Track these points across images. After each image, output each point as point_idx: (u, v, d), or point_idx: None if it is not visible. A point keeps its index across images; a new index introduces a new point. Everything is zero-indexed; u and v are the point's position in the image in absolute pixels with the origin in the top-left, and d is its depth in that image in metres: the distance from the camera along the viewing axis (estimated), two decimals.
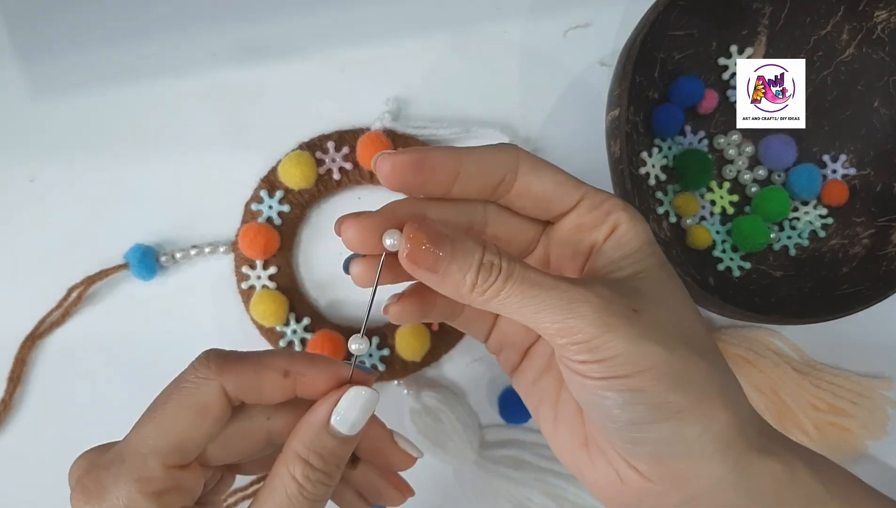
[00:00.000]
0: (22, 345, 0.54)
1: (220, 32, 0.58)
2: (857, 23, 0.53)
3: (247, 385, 0.32)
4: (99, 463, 0.32)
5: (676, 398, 0.30)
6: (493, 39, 0.59)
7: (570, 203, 0.33)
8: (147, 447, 0.31)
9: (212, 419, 0.32)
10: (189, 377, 0.32)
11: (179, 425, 0.31)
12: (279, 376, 0.33)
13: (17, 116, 0.57)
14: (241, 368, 0.32)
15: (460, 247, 0.30)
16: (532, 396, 0.39)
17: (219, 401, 0.32)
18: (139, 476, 0.31)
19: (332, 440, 0.33)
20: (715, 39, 0.56)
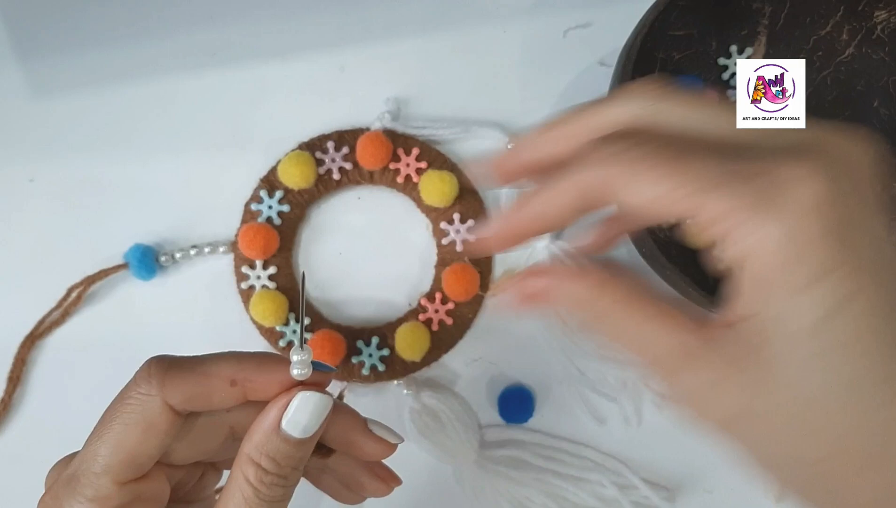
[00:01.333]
0: (21, 345, 0.54)
1: (219, 32, 0.58)
2: (857, 23, 0.53)
3: (192, 398, 0.31)
4: (59, 480, 0.32)
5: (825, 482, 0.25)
6: (493, 39, 0.59)
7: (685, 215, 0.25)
8: (98, 465, 0.31)
9: (160, 432, 0.31)
10: (132, 392, 0.31)
11: (128, 442, 0.31)
12: (226, 385, 0.32)
13: (16, 116, 0.57)
14: (184, 380, 0.31)
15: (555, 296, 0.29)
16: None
17: (164, 416, 0.31)
18: (93, 496, 0.30)
19: (284, 443, 0.32)
20: (715, 39, 0.56)
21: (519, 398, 0.54)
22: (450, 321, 0.54)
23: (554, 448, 0.54)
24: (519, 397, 0.54)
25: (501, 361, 0.56)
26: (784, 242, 0.23)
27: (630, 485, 0.53)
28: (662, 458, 0.55)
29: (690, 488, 0.54)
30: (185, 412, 0.32)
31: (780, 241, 0.23)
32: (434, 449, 0.53)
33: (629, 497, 0.53)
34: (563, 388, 0.55)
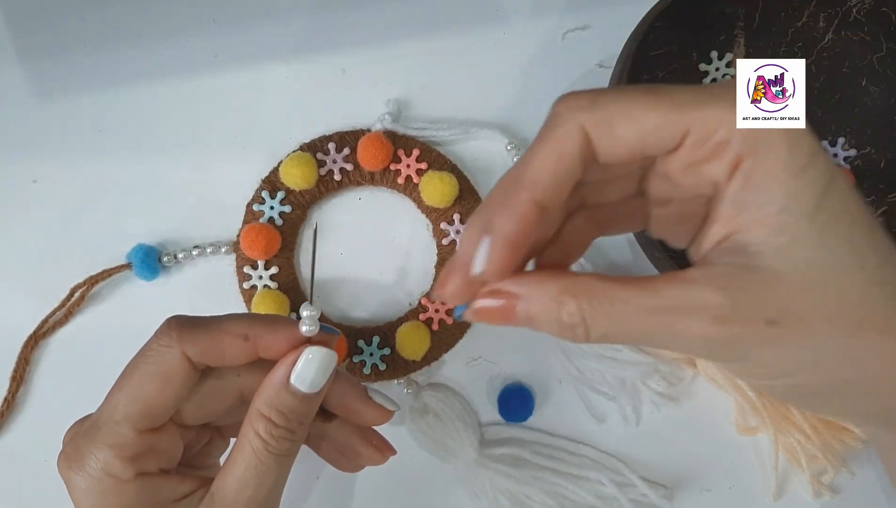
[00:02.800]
0: (25, 345, 0.54)
1: (221, 34, 0.58)
2: (832, 9, 0.54)
3: (208, 350, 0.34)
4: (79, 431, 0.34)
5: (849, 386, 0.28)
6: (493, 41, 0.59)
7: (670, 146, 0.27)
8: (119, 414, 0.33)
9: (177, 383, 0.33)
10: (153, 345, 0.34)
11: (147, 391, 0.33)
12: (239, 340, 0.34)
13: (19, 118, 0.57)
14: (201, 334, 0.34)
15: (534, 308, 0.28)
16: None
17: (182, 366, 0.33)
18: (113, 442, 0.32)
19: (292, 398, 0.34)
20: (694, 50, 0.56)
21: (519, 397, 0.55)
22: (450, 321, 0.55)
23: (553, 447, 0.55)
24: (519, 396, 0.55)
25: (501, 360, 0.56)
26: (781, 134, 0.25)
27: (629, 483, 0.54)
28: (661, 456, 0.55)
29: (689, 486, 0.55)
30: (201, 365, 0.34)
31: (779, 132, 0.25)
32: (434, 448, 0.53)
33: (628, 495, 0.53)
34: (563, 387, 0.56)
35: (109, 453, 0.32)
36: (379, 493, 0.54)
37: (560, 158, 0.27)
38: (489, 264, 0.27)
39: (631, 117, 0.26)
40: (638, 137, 0.26)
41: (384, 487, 0.54)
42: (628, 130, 0.26)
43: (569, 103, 0.27)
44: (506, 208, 0.27)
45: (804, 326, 0.26)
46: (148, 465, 0.33)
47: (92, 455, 0.32)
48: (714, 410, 0.55)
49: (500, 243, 0.27)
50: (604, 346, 0.54)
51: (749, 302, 0.25)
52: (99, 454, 0.32)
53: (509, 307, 0.29)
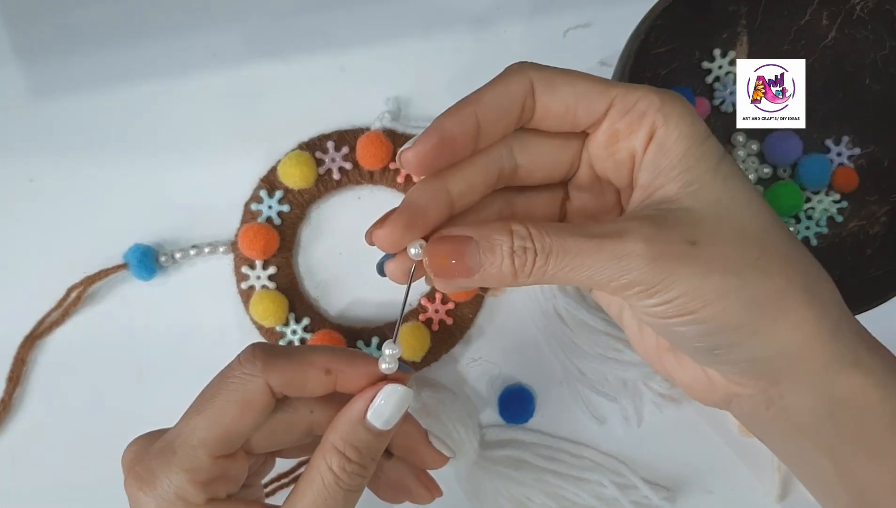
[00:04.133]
0: (21, 345, 0.54)
1: (219, 33, 0.58)
2: (835, 7, 0.53)
3: (290, 382, 0.34)
4: (150, 452, 0.33)
5: (752, 319, 0.30)
6: (493, 39, 0.59)
7: (599, 112, 0.32)
8: (196, 438, 0.32)
9: (256, 412, 0.33)
10: (236, 372, 0.34)
11: (226, 418, 0.33)
12: (321, 373, 0.34)
13: (16, 117, 0.57)
14: (285, 365, 0.34)
15: (486, 246, 0.30)
16: (613, 303, 0.39)
17: (263, 396, 0.33)
18: (189, 467, 0.32)
19: (367, 433, 0.34)
20: (697, 48, 0.56)
21: (519, 398, 0.54)
22: (450, 321, 0.54)
23: (554, 448, 0.54)
24: (519, 397, 0.54)
25: (501, 361, 0.56)
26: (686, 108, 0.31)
27: (630, 485, 0.53)
28: (662, 458, 0.55)
29: (690, 488, 0.54)
30: (281, 395, 0.34)
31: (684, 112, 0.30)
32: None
33: (629, 496, 0.53)
34: (563, 388, 0.55)
35: (184, 477, 0.32)
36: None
37: (508, 93, 0.31)
38: (418, 148, 0.31)
39: (570, 82, 0.31)
40: (573, 97, 0.31)
41: None
42: (566, 91, 0.31)
43: (522, 64, 0.32)
44: (449, 113, 0.32)
45: (720, 248, 0.29)
46: (218, 490, 0.33)
47: (166, 478, 0.32)
48: (716, 411, 0.55)
49: (435, 133, 0.31)
50: (605, 346, 0.54)
51: (672, 228, 0.29)
52: (173, 477, 0.32)
53: (462, 247, 0.30)
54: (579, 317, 0.54)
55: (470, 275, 0.30)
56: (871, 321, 0.48)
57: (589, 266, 0.29)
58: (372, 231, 0.33)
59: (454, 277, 0.30)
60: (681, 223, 0.30)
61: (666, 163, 0.30)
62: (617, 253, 0.29)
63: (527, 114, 0.32)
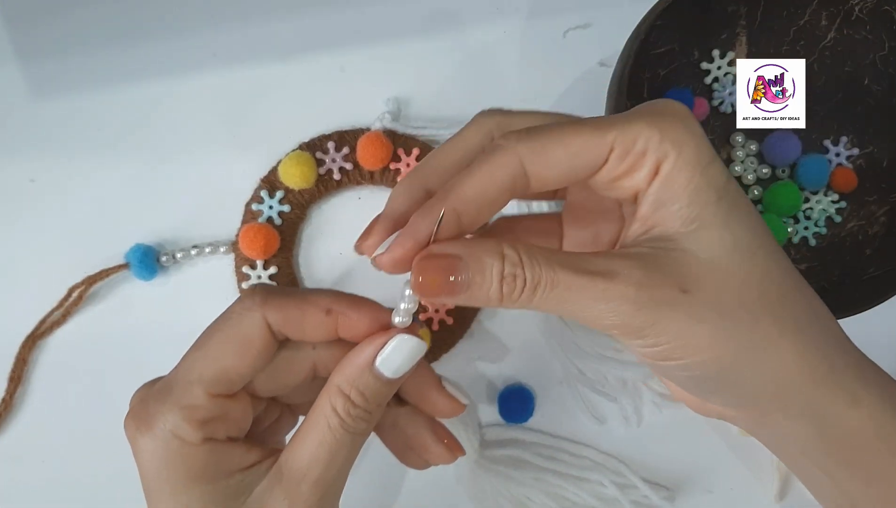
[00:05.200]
0: (23, 345, 0.54)
1: (220, 33, 0.58)
2: (834, 7, 0.53)
3: (289, 320, 0.33)
4: (149, 393, 0.33)
5: (741, 367, 0.30)
6: (493, 39, 0.59)
7: (600, 162, 0.30)
8: (193, 375, 0.32)
9: (256, 350, 0.33)
10: (234, 309, 0.33)
11: (224, 355, 0.32)
12: (321, 313, 0.33)
13: (17, 117, 0.57)
14: (284, 302, 0.33)
15: (476, 268, 0.29)
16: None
17: (262, 333, 0.33)
18: (185, 404, 0.31)
19: (374, 380, 0.33)
20: (696, 49, 0.56)
21: (519, 397, 0.54)
22: (450, 321, 0.54)
23: (554, 448, 0.54)
24: (519, 397, 0.54)
25: (502, 361, 0.56)
26: (688, 137, 0.29)
27: (630, 485, 0.53)
28: (662, 458, 0.55)
29: (690, 487, 0.55)
30: (280, 335, 0.33)
31: (686, 138, 0.29)
32: None
33: (629, 496, 0.53)
34: (563, 388, 0.56)
35: (179, 415, 0.31)
36: (379, 495, 0.54)
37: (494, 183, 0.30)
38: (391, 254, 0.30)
39: (562, 143, 0.29)
40: (568, 159, 0.30)
41: (384, 488, 0.54)
42: (559, 156, 0.30)
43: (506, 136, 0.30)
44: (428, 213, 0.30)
45: (713, 295, 0.29)
46: (217, 431, 0.32)
47: (161, 416, 0.31)
48: None
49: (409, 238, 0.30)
50: (605, 346, 0.54)
51: (665, 273, 0.29)
52: (168, 415, 0.31)
53: (451, 266, 0.29)
54: None
55: (456, 295, 0.29)
56: (870, 321, 0.48)
57: (576, 302, 0.29)
58: (359, 244, 0.33)
59: (440, 295, 0.30)
60: (675, 268, 0.29)
61: (668, 195, 0.30)
62: (606, 295, 0.28)
63: (518, 190, 0.30)
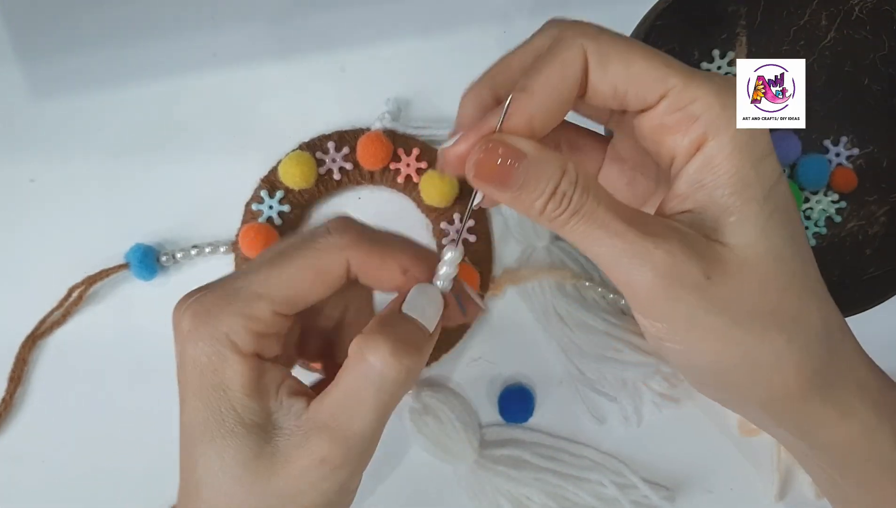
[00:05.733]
0: (23, 345, 0.54)
1: (220, 33, 0.58)
2: (834, 7, 0.53)
3: (368, 271, 0.32)
4: (210, 294, 0.31)
5: (740, 375, 0.29)
6: (493, 39, 0.59)
7: (651, 101, 0.29)
8: (263, 290, 0.31)
9: (328, 285, 0.32)
10: (322, 239, 0.32)
11: (300, 282, 0.31)
12: (399, 272, 0.33)
13: (17, 117, 0.57)
14: (369, 252, 0.32)
15: (535, 171, 0.28)
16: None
17: (340, 272, 0.32)
18: (248, 313, 0.30)
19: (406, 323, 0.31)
20: (696, 49, 0.56)
21: (519, 397, 0.54)
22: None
23: (554, 448, 0.54)
24: (519, 396, 0.54)
25: (501, 361, 0.56)
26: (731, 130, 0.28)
27: (630, 485, 0.53)
28: (662, 458, 0.55)
29: (690, 487, 0.55)
30: (353, 277, 0.32)
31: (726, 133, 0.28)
32: (434, 449, 0.53)
33: (629, 496, 0.53)
34: (563, 388, 0.56)
35: (240, 321, 0.30)
36: (379, 494, 0.54)
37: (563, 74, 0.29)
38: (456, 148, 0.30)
39: (625, 59, 0.29)
40: (624, 79, 0.29)
41: (384, 488, 0.54)
42: (619, 70, 0.29)
43: (575, 28, 0.30)
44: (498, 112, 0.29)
45: (732, 294, 0.28)
46: (268, 348, 0.32)
47: (220, 319, 0.30)
48: (716, 410, 0.55)
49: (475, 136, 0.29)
50: (605, 346, 0.54)
51: (696, 256, 0.28)
52: (228, 319, 0.30)
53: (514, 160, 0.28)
54: (579, 317, 0.54)
55: (507, 189, 0.28)
56: (870, 321, 0.48)
57: (606, 245, 0.28)
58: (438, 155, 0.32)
59: (492, 182, 0.29)
60: (707, 254, 0.28)
61: (711, 180, 0.28)
62: (636, 250, 0.28)
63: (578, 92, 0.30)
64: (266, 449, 0.30)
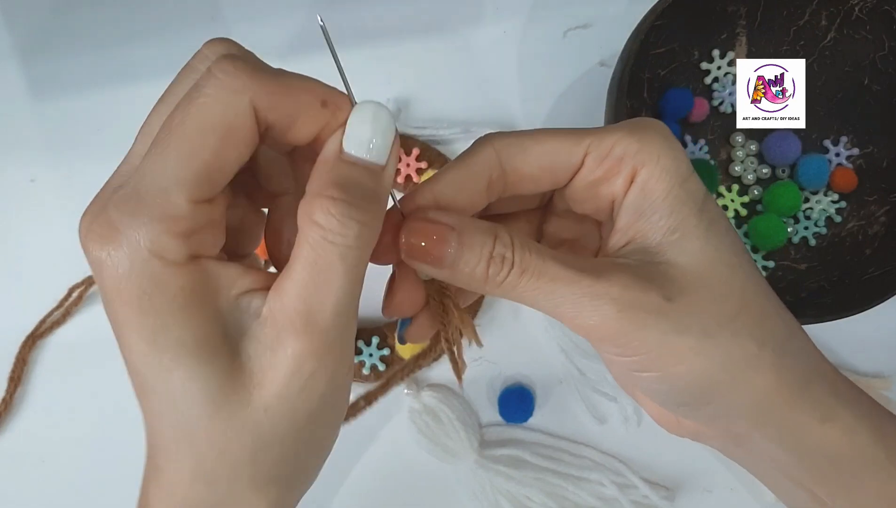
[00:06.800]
0: (23, 345, 0.54)
1: (219, 33, 0.58)
2: (834, 7, 0.53)
3: (279, 108, 0.26)
4: (108, 204, 0.25)
5: (719, 383, 0.29)
6: (493, 40, 0.59)
7: (576, 164, 0.30)
8: (168, 178, 0.25)
9: (240, 142, 0.25)
10: (211, 87, 0.25)
11: (204, 149, 0.25)
12: (317, 103, 0.27)
13: (17, 117, 0.57)
14: (275, 85, 0.26)
15: (467, 242, 0.28)
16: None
17: (248, 124, 0.25)
18: (162, 214, 0.24)
19: (350, 168, 0.26)
20: (696, 49, 0.56)
21: (519, 397, 0.54)
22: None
23: (554, 448, 0.54)
24: (519, 396, 0.54)
25: (502, 361, 0.56)
26: (666, 148, 0.29)
27: (630, 484, 0.53)
28: (662, 458, 0.55)
29: (690, 487, 0.55)
30: (264, 125, 0.26)
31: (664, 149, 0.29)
32: (434, 449, 0.53)
33: (629, 496, 0.53)
34: (563, 388, 0.56)
35: (157, 227, 0.24)
36: (379, 494, 0.54)
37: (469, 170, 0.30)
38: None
39: (539, 142, 0.30)
40: (544, 155, 0.30)
41: (384, 488, 0.54)
42: (536, 152, 0.30)
43: (487, 136, 0.30)
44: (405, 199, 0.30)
45: (696, 307, 0.28)
46: (204, 246, 0.26)
47: (133, 232, 0.24)
48: None
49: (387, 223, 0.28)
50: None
51: (650, 281, 0.28)
52: (142, 230, 0.24)
53: (442, 236, 0.28)
54: None
55: (441, 265, 0.28)
56: (870, 321, 0.48)
57: (560, 296, 0.28)
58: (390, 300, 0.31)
59: (425, 261, 0.28)
60: (660, 277, 0.29)
61: (647, 205, 0.29)
62: (591, 291, 0.28)
63: (497, 185, 0.31)
64: (235, 366, 0.26)
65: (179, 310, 0.25)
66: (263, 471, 0.27)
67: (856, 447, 0.31)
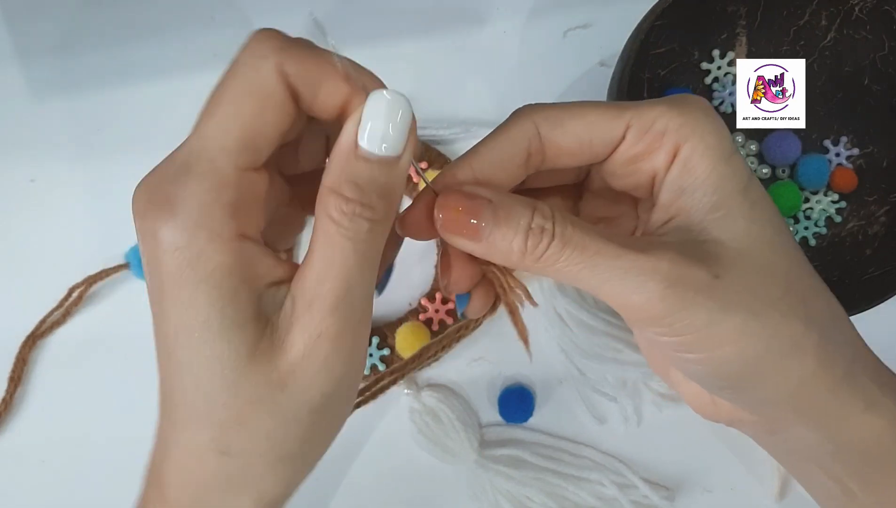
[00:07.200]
0: (23, 345, 0.54)
1: (220, 32, 0.58)
2: (834, 7, 0.53)
3: (306, 77, 0.27)
4: (163, 174, 0.26)
5: (765, 365, 0.29)
6: (493, 39, 0.59)
7: (616, 138, 0.30)
8: (214, 146, 0.26)
9: (276, 107, 0.26)
10: (244, 57, 0.27)
11: (243, 114, 0.26)
12: (340, 78, 0.27)
13: (17, 117, 0.57)
14: (303, 53, 0.27)
15: (503, 211, 0.28)
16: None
17: (280, 88, 0.26)
18: (212, 183, 0.25)
19: (365, 164, 0.27)
20: (696, 49, 0.56)
21: (519, 397, 0.54)
22: (450, 321, 0.54)
23: (554, 448, 0.54)
24: (519, 396, 0.54)
25: (501, 361, 0.56)
26: (710, 124, 0.28)
27: (630, 485, 0.53)
28: (662, 457, 0.55)
29: (690, 487, 0.55)
30: (295, 93, 0.27)
31: (708, 125, 0.28)
32: (434, 449, 0.53)
33: (629, 496, 0.53)
34: (563, 388, 0.56)
35: (206, 196, 0.25)
36: (378, 494, 0.54)
37: (509, 141, 0.30)
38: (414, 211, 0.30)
39: (578, 115, 0.29)
40: (584, 128, 0.29)
41: (384, 488, 0.54)
42: (575, 124, 0.29)
43: (526, 107, 0.30)
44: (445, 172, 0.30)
45: (743, 285, 0.28)
46: (249, 225, 0.27)
47: (185, 200, 0.25)
48: None
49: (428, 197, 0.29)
50: (605, 346, 0.54)
51: (697, 258, 0.28)
52: (193, 198, 0.25)
53: (477, 209, 0.28)
54: (579, 317, 0.54)
55: (478, 238, 0.28)
56: (870, 320, 0.48)
57: (603, 271, 0.27)
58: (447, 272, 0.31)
59: (461, 234, 0.28)
60: (705, 255, 0.28)
61: (690, 182, 0.29)
62: (637, 266, 0.27)
63: (535, 158, 0.30)
64: (259, 347, 0.26)
65: (217, 285, 0.26)
66: (277, 448, 0.28)
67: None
